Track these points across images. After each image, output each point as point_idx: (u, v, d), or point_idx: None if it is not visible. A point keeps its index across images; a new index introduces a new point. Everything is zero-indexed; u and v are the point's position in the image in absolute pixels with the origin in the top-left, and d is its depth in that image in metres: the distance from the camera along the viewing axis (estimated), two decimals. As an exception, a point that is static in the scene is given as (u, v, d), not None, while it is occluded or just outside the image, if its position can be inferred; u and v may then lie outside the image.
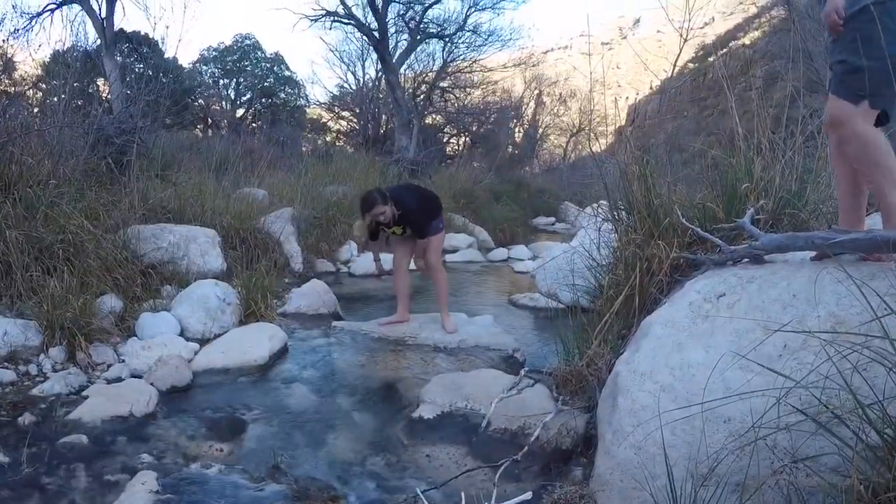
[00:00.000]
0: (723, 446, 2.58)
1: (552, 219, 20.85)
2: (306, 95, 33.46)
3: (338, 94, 31.77)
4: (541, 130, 35.59)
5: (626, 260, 4.70)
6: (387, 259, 6.78)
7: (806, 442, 2.31)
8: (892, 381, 2.09)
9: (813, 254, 3.31)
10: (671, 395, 2.88)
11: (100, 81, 15.84)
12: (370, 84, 29.22)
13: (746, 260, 3.71)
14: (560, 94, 36.68)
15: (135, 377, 4.92)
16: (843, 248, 3.18)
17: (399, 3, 21.45)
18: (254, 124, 29.57)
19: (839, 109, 3.05)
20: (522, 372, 4.57)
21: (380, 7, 20.05)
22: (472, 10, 22.41)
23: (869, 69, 2.88)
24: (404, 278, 6.34)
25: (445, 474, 3.58)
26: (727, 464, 2.52)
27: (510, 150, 31.00)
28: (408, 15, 22.26)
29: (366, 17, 21.03)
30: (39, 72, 14.81)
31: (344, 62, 29.60)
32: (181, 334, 5.78)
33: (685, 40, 5.62)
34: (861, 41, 2.90)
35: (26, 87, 13.18)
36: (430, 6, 21.75)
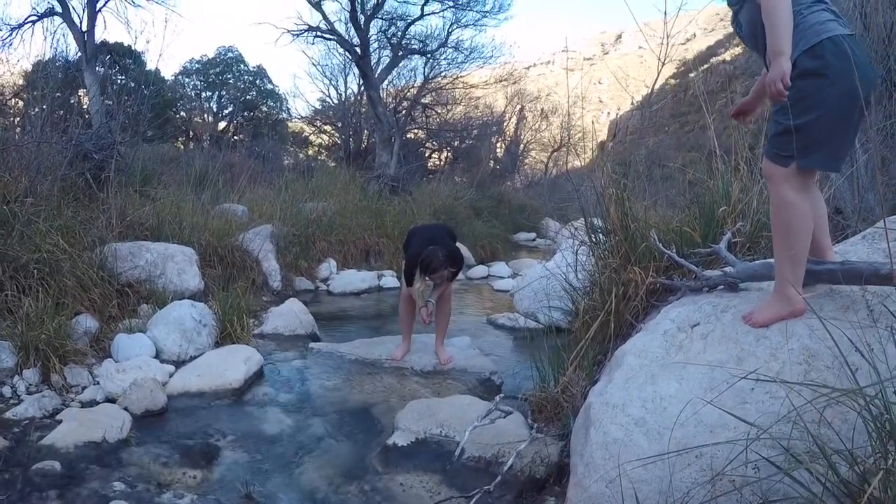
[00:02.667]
0: (694, 481, 2.59)
1: (533, 234, 20.84)
2: (288, 109, 33.48)
3: (320, 107, 31.75)
4: (522, 146, 35.71)
5: (602, 285, 4.71)
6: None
7: (777, 481, 2.31)
8: (861, 423, 2.09)
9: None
10: (643, 428, 2.88)
11: (81, 92, 15.75)
12: (352, 98, 29.23)
13: (722, 287, 3.72)
14: (542, 109, 36.84)
15: (109, 400, 4.89)
16: (817, 279, 3.20)
17: (381, 19, 21.49)
18: (235, 137, 29.51)
19: (769, 169, 3.05)
20: (497, 398, 4.56)
21: (362, 23, 20.08)
22: (454, 26, 22.45)
23: (798, 128, 2.83)
24: (414, 313, 6.15)
25: (419, 504, 3.57)
26: (698, 499, 2.53)
27: (492, 165, 31.07)
28: (390, 31, 22.31)
29: (348, 33, 21.08)
30: (21, 81, 14.71)
31: (326, 76, 29.54)
32: (156, 356, 5.74)
33: (663, 63, 5.65)
34: (792, 101, 2.82)
35: (7, 98, 13.11)
36: (413, 22, 21.80)
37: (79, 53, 15.32)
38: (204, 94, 32.90)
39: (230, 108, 32.35)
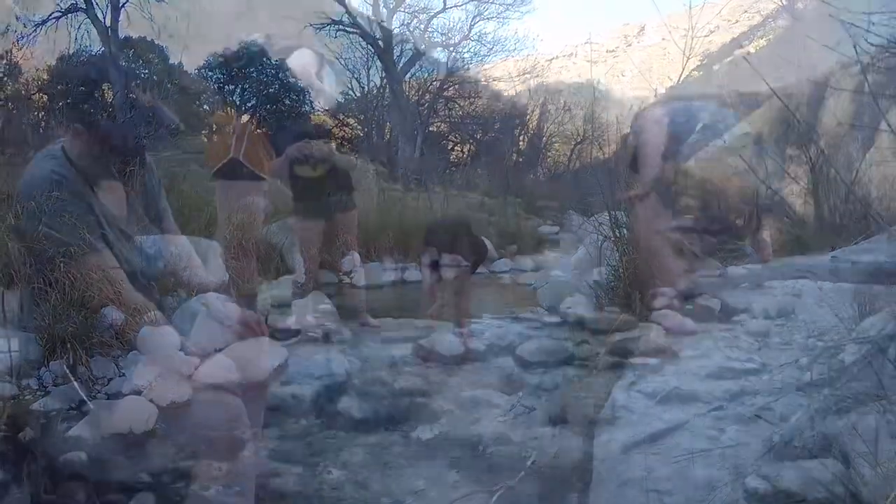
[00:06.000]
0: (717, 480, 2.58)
1: (557, 228, 20.70)
2: (311, 102, 33.47)
3: (342, 100, 31.73)
4: (545, 139, 35.51)
5: (627, 279, 4.70)
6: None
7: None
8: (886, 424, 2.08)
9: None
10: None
11: (105, 87, 15.82)
12: (374, 91, 29.22)
13: (745, 284, 3.70)
14: (564, 102, 36.59)
15: (135, 392, 4.91)
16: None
17: (404, 12, 21.50)
18: (258, 131, 29.55)
19: None
20: (520, 393, 4.56)
21: (384, 16, 20.08)
22: (477, 19, 22.43)
23: None
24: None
25: (442, 499, 3.57)
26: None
27: (515, 157, 30.94)
28: (412, 24, 22.30)
29: (371, 27, 21.05)
30: (46, 77, 14.80)
31: (348, 70, 29.53)
32: (181, 348, 5.76)
33: (688, 58, 5.61)
34: None
35: (32, 93, 13.19)
36: (435, 15, 21.80)
37: (102, 49, 15.41)
38: (227, 88, 32.96)
39: (253, 102, 32.41)
